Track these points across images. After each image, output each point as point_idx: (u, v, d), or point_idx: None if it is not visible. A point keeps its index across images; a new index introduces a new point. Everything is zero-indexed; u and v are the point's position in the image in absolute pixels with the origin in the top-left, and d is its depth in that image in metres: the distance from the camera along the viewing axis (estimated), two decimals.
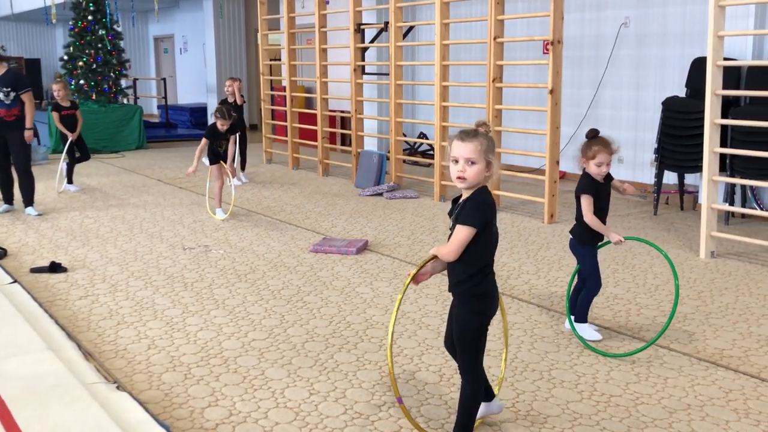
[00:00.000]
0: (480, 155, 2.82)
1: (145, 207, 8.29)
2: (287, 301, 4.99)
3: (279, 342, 4.27)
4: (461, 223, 2.83)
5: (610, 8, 9.31)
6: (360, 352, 4.12)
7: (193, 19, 19.06)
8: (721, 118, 5.99)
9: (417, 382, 3.74)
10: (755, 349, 4.15)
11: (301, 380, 3.76)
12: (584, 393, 3.61)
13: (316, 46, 10.35)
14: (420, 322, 4.60)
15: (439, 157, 8.59)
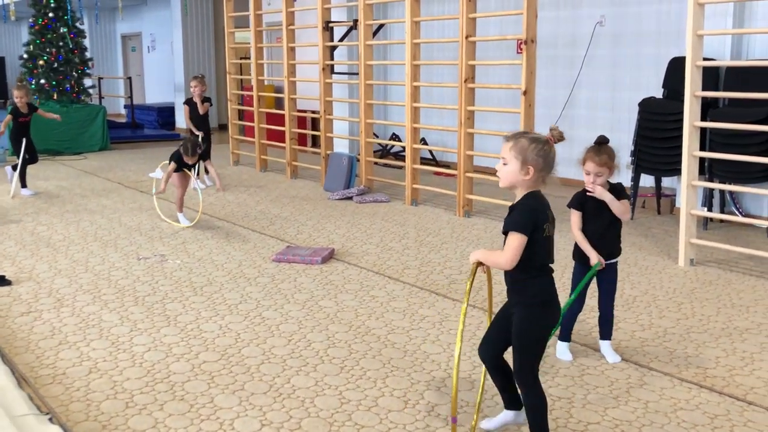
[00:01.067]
0: (513, 155, 2.83)
1: (102, 213, 7.93)
2: (244, 317, 4.68)
3: (232, 364, 3.96)
4: (510, 230, 2.83)
5: (585, 6, 9.10)
6: (319, 375, 3.83)
7: (161, 17, 18.65)
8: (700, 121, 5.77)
9: (379, 409, 3.45)
10: (740, 368, 3.91)
11: (253, 409, 3.45)
12: (559, 420, 3.34)
13: (284, 44, 10.04)
14: (386, 339, 4.32)
15: (411, 159, 8.31)
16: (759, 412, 3.42)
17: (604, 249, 3.94)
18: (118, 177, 10.40)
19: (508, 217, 2.88)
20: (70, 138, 12.74)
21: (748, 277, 5.54)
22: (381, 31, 10.37)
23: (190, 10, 16.20)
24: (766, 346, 4.21)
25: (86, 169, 11.15)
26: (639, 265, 5.86)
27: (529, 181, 2.86)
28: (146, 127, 16.46)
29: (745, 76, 6.88)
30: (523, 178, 2.85)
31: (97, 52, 21.44)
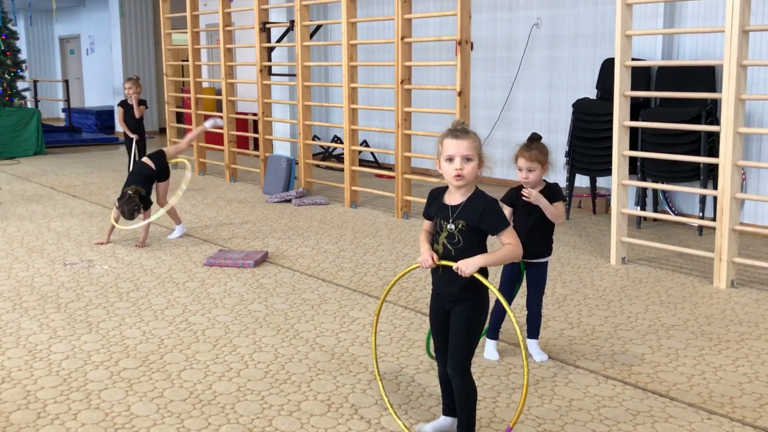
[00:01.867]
0: (475, 152, 2.83)
1: (31, 218, 7.70)
2: (169, 323, 4.56)
3: (153, 371, 3.85)
4: (505, 228, 2.85)
5: (521, 8, 9.16)
6: (242, 380, 3.74)
7: (99, 19, 18.33)
8: (630, 120, 5.83)
9: (301, 413, 3.38)
10: (665, 364, 3.94)
11: (171, 416, 3.35)
12: (482, 420, 3.32)
13: (221, 45, 9.91)
14: (314, 342, 4.25)
15: (350, 161, 8.26)
16: (680, 408, 3.45)
17: (530, 248, 3.93)
18: (51, 182, 10.14)
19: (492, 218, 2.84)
20: (2, 142, 12.43)
21: (677, 274, 5.62)
22: (320, 32, 10.31)
23: (129, 11, 15.96)
24: (691, 342, 4.26)
25: (18, 174, 10.85)
26: (572, 264, 5.90)
27: (473, 176, 2.86)
28: (84, 131, 16.11)
29: (675, 76, 7.00)
30: (477, 173, 2.87)
31: (34, 54, 20.98)
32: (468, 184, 2.86)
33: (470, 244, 2.86)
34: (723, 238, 5.25)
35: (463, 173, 2.81)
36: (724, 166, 5.20)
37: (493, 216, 2.84)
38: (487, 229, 2.85)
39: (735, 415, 3.37)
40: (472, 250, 2.85)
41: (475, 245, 2.87)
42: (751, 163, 6.40)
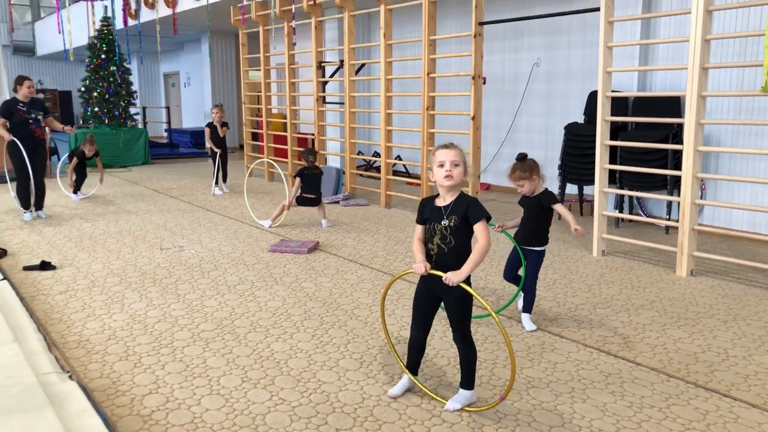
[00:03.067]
0: (461, 160, 2.84)
1: (137, 213, 7.82)
2: (239, 296, 4.59)
3: (225, 333, 3.87)
4: (482, 218, 2.77)
5: (525, 50, 9.04)
6: (294, 341, 3.75)
7: (194, 59, 18.55)
8: (610, 140, 5.71)
9: (339, 368, 3.38)
10: (633, 336, 3.85)
11: (237, 368, 3.37)
12: (483, 377, 3.27)
13: (287, 80, 9.95)
14: (351, 313, 4.24)
15: (385, 171, 8.24)
16: (645, 371, 3.36)
17: (527, 237, 4.04)
18: (154, 185, 10.29)
19: (459, 209, 2.78)
20: (118, 154, 12.65)
21: (647, 264, 5.49)
22: (363, 69, 10.30)
23: (216, 53, 16.12)
24: (655, 319, 4.15)
25: (129, 179, 11.03)
26: (561, 255, 5.81)
27: (461, 180, 2.86)
28: (181, 147, 16.31)
29: (648, 105, 6.84)
30: (463, 177, 2.86)
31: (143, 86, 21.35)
32: (456, 185, 2.83)
33: (459, 243, 2.80)
34: (684, 236, 5.12)
35: (452, 174, 2.80)
36: (686, 177, 5.06)
37: (476, 207, 2.79)
38: (471, 218, 2.77)
39: (690, 378, 3.28)
40: (462, 249, 2.80)
41: (463, 245, 2.81)
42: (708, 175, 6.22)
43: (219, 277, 5.07)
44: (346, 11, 8.41)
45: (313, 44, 9.21)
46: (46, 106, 7.50)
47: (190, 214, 7.76)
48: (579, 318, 4.16)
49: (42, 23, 21.18)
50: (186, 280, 4.98)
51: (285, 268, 5.35)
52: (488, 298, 4.53)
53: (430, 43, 7.28)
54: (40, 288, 4.76)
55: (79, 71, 22.82)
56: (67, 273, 5.16)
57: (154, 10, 13.27)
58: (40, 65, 22.89)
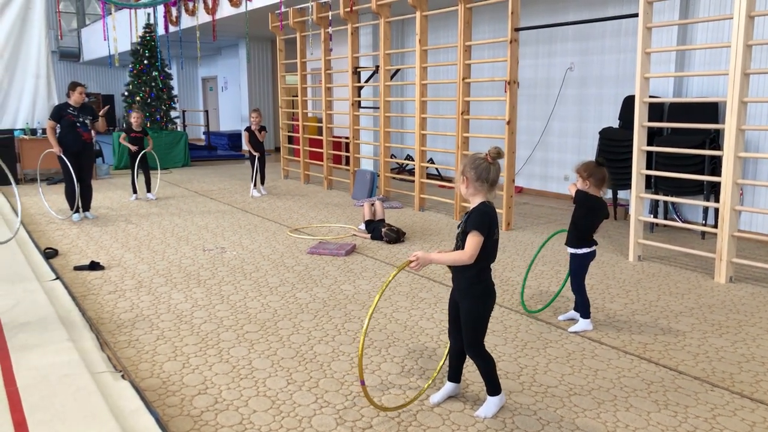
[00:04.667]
0: (458, 173, 2.79)
1: (179, 214, 7.92)
2: (281, 297, 4.61)
3: (269, 334, 3.89)
4: (470, 230, 2.67)
5: (558, 56, 8.92)
6: (336, 344, 3.74)
7: (231, 64, 18.72)
8: (646, 146, 5.60)
9: (381, 372, 3.36)
10: (674, 344, 3.76)
11: (282, 370, 3.38)
12: (525, 384, 3.23)
13: (323, 85, 9.99)
14: (391, 316, 4.22)
15: (419, 174, 8.21)
16: (687, 380, 3.28)
17: (568, 236, 4.03)
18: (195, 187, 10.41)
19: (469, 219, 2.71)
20: (159, 156, 12.77)
21: (684, 270, 5.36)
22: (398, 74, 10.28)
23: (254, 58, 16.24)
24: (695, 326, 4.05)
25: (170, 181, 11.18)
26: (597, 260, 5.68)
27: (468, 190, 2.74)
28: (219, 149, 16.48)
29: (684, 110, 6.69)
30: (465, 189, 2.75)
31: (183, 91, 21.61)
32: (467, 195, 2.77)
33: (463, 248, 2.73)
34: (723, 242, 4.98)
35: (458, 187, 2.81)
36: (726, 183, 4.93)
37: (473, 218, 2.70)
38: (467, 226, 2.70)
39: (734, 388, 3.19)
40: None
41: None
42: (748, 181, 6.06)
43: (261, 278, 5.09)
44: (382, 17, 8.40)
45: (349, 50, 9.22)
46: (95, 111, 7.64)
47: (230, 215, 7.83)
48: (618, 324, 4.08)
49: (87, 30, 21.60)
50: (229, 281, 5.02)
51: (323, 270, 5.35)
52: (533, 299, 4.47)
53: (466, 49, 7.22)
54: (90, 288, 4.83)
55: (121, 76, 23.23)
56: (115, 273, 5.24)
57: (194, 17, 13.43)
58: (84, 70, 23.34)
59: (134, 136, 9.00)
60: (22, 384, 3.02)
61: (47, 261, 5.44)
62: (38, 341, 3.57)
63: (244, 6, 11.58)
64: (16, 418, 2.70)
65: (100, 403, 2.83)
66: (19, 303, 4.26)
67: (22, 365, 3.25)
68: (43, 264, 5.34)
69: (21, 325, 3.84)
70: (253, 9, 11.45)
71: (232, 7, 11.93)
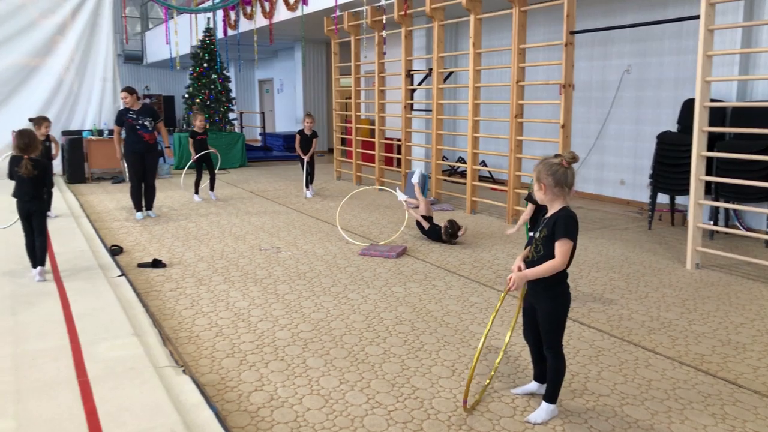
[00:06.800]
0: (534, 179, 2.81)
1: (236, 214, 8.13)
2: (334, 298, 4.70)
3: (322, 334, 3.97)
4: (560, 237, 2.68)
5: (614, 58, 8.75)
6: (387, 345, 3.80)
7: (287, 66, 19.06)
8: (707, 151, 5.44)
9: (432, 375, 3.40)
10: (733, 356, 3.66)
11: (335, 370, 3.45)
12: (576, 391, 3.21)
13: (376, 87, 10.07)
14: (441, 320, 4.25)
15: (471, 177, 8.19)
16: (747, 394, 3.19)
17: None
18: (251, 187, 10.66)
19: (552, 225, 2.73)
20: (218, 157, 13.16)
21: (745, 280, 5.19)
22: (451, 77, 10.27)
23: (309, 61, 16.49)
24: (756, 338, 3.93)
25: (228, 181, 11.47)
26: (653, 267, 5.58)
27: (547, 196, 2.76)
28: (275, 150, 16.80)
29: (748, 114, 6.47)
30: (542, 195, 2.77)
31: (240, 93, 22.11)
32: (547, 201, 2.79)
33: (547, 255, 2.74)
34: None
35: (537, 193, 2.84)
36: None
37: (562, 225, 2.70)
38: (555, 234, 2.70)
39: None
40: (547, 259, 2.74)
41: (550, 257, 2.73)
42: None
43: (314, 278, 5.20)
44: (436, 21, 8.42)
45: (403, 53, 9.27)
46: (156, 112, 7.92)
47: (285, 216, 7.99)
48: (673, 334, 3.99)
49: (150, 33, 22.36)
50: (284, 280, 5.14)
51: (375, 271, 5.41)
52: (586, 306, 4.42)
53: (520, 52, 7.17)
54: (153, 284, 5.04)
55: (181, 78, 23.95)
56: (176, 271, 5.43)
57: (252, 21, 13.75)
58: (147, 72, 24.17)
59: (200, 139, 9.28)
60: (92, 375, 3.19)
61: (113, 258, 5.69)
62: (106, 335, 3.75)
63: (300, 10, 11.79)
64: (87, 407, 2.86)
65: (163, 397, 2.97)
66: (89, 298, 4.48)
67: (92, 357, 3.43)
68: (109, 260, 5.59)
69: (91, 319, 4.05)
70: (309, 13, 11.64)
71: (289, 11, 12.16)
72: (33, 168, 4.86)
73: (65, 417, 2.78)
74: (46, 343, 3.63)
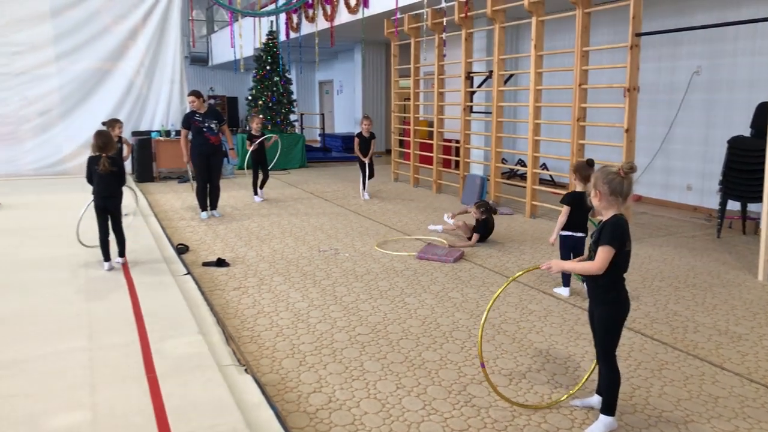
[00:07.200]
0: (591, 186, 2.86)
1: (296, 215, 8.29)
2: (391, 301, 4.74)
3: (379, 338, 4.02)
4: (602, 244, 2.73)
5: (683, 58, 8.46)
6: (444, 351, 3.81)
7: (347, 68, 19.24)
8: None
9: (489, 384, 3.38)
10: None
11: (392, 374, 3.49)
12: (637, 406, 3.14)
13: (435, 89, 10.07)
14: (499, 327, 4.23)
15: (531, 181, 8.09)
16: None
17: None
18: (310, 188, 10.83)
19: (603, 232, 2.76)
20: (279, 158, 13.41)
21: None
22: (511, 79, 10.16)
23: (368, 62, 16.62)
24: None
25: (288, 182, 11.69)
26: (721, 277, 5.38)
27: (602, 204, 2.82)
28: (333, 151, 16.99)
29: None
30: (598, 203, 2.83)
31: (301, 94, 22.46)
32: (601, 209, 2.83)
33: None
34: None
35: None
36: None
37: (606, 231, 2.76)
38: (600, 239, 2.76)
39: None
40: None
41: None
42: None
43: (371, 281, 5.25)
44: (497, 23, 8.35)
45: (463, 55, 9.24)
46: (220, 114, 8.17)
47: (343, 217, 8.09)
48: (743, 349, 3.84)
49: (216, 36, 23.01)
50: (342, 282, 5.22)
51: (432, 276, 5.42)
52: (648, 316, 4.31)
53: (583, 54, 7.04)
54: (217, 283, 5.20)
55: (244, 79, 24.52)
56: (239, 270, 5.59)
57: (313, 23, 13.97)
58: (212, 74, 24.87)
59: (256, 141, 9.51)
60: (160, 372, 3.34)
61: (179, 256, 5.91)
62: (173, 333, 3.91)
63: (360, 13, 11.90)
64: (155, 403, 3.00)
65: (226, 395, 3.07)
66: (157, 295, 4.67)
67: (160, 354, 3.58)
68: (176, 258, 5.80)
69: (159, 316, 4.22)
70: (370, 15, 11.73)
71: (350, 13, 12.29)
72: (110, 165, 5.17)
73: (135, 411, 2.92)
74: (118, 339, 3.82)
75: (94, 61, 12.02)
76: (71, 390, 3.13)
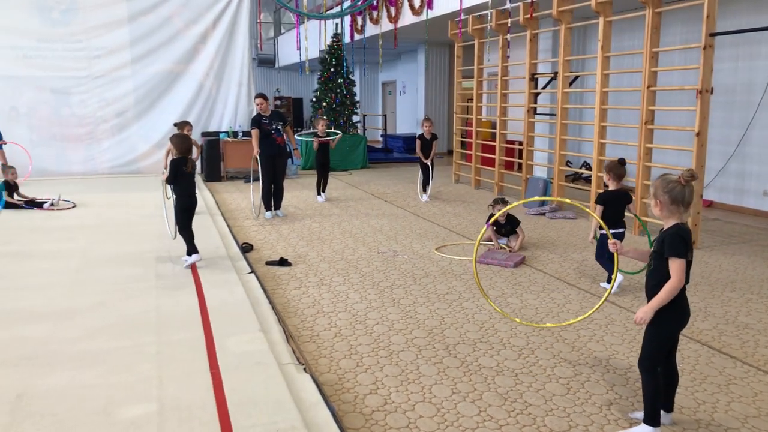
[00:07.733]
0: (651, 194, 2.83)
1: (357, 216, 8.39)
2: (449, 305, 4.74)
3: (435, 342, 4.04)
4: (670, 256, 2.70)
5: (762, 58, 8.07)
6: (501, 358, 3.79)
7: (410, 69, 19.29)
8: None
9: (545, 392, 3.35)
10: None
11: (448, 379, 3.51)
12: (701, 422, 3.04)
13: (498, 90, 9.98)
14: (558, 335, 4.17)
15: (595, 185, 7.90)
16: None
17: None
18: (371, 189, 10.93)
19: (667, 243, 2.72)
20: (341, 158, 13.61)
21: None
22: (577, 81, 9.95)
23: (432, 63, 16.61)
24: None
25: (349, 182, 11.84)
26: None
27: (663, 213, 2.78)
28: (395, 152, 17.07)
29: None
30: (658, 211, 2.80)
31: (364, 95, 22.67)
32: (662, 217, 2.79)
33: (659, 268, 2.77)
34: None
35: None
36: None
37: (670, 241, 2.71)
38: (664, 250, 2.71)
39: None
40: (661, 274, 2.74)
41: (662, 269, 2.74)
42: None
43: (429, 284, 5.27)
44: (563, 23, 8.21)
45: (527, 56, 9.12)
46: (285, 116, 8.36)
47: (403, 219, 8.13)
48: None
49: (282, 38, 23.51)
50: (400, 285, 5.26)
51: (491, 280, 5.39)
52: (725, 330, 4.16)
53: (652, 56, 6.82)
54: (279, 282, 5.34)
55: (310, 81, 24.95)
56: (300, 270, 5.72)
57: (377, 25, 14.09)
58: (278, 75, 25.43)
59: (321, 143, 9.68)
60: (223, 367, 3.47)
61: (244, 255, 6.09)
62: (236, 330, 4.05)
63: (425, 14, 11.92)
64: (218, 397, 3.12)
65: (285, 393, 3.17)
66: (222, 293, 4.85)
67: (223, 350, 3.71)
68: (241, 257, 5.99)
69: (223, 313, 4.38)
70: (434, 17, 11.74)
71: (414, 15, 12.33)
72: (193, 166, 5.57)
73: (198, 405, 3.05)
74: (184, 334, 3.99)
75: (166, 63, 12.51)
76: (140, 383, 3.30)
